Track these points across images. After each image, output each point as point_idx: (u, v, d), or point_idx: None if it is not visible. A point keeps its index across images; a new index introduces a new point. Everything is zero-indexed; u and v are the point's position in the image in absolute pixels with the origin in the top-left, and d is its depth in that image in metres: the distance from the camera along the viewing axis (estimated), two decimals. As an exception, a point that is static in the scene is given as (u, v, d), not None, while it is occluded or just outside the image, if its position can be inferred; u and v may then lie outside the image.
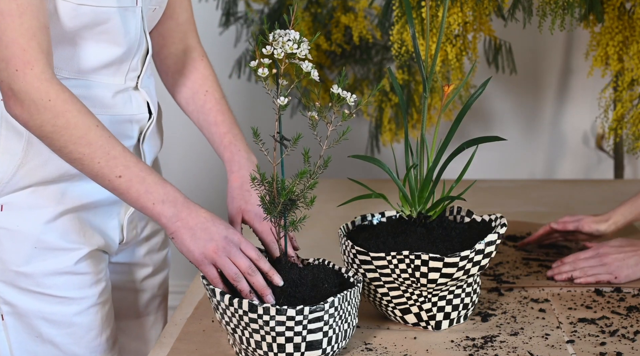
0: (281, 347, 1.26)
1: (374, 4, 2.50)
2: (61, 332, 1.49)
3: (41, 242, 1.46)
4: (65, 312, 1.49)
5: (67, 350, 1.50)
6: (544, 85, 2.82)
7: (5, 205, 1.45)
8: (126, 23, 1.45)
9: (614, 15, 2.10)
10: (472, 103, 1.44)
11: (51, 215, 1.46)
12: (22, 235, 1.45)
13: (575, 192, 2.22)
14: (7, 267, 1.46)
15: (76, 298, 1.49)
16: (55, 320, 1.48)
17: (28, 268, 1.45)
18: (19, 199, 1.45)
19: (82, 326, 1.50)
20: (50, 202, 1.46)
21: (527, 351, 1.34)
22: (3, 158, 1.44)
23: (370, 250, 1.39)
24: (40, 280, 1.46)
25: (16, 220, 1.45)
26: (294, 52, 1.24)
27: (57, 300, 1.48)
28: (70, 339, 1.50)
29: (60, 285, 1.48)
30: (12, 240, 1.45)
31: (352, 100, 1.26)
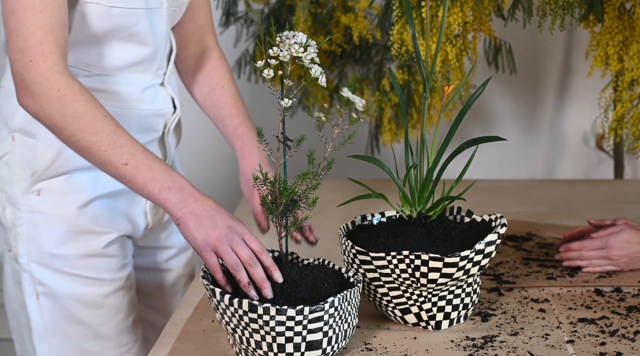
0: (281, 347, 1.26)
1: (374, 4, 2.50)
2: (91, 313, 1.58)
3: (75, 226, 1.55)
4: (96, 293, 1.58)
5: (96, 331, 1.59)
6: (544, 85, 2.82)
7: (42, 190, 1.54)
8: (153, 24, 1.55)
9: (614, 15, 2.10)
10: (472, 103, 1.44)
11: (84, 200, 1.55)
12: (57, 218, 1.54)
13: (575, 192, 2.22)
14: (43, 249, 1.54)
15: (106, 280, 1.59)
16: (87, 301, 1.57)
17: (62, 249, 1.55)
18: (54, 185, 1.54)
19: (111, 307, 1.60)
20: (84, 188, 1.55)
21: (527, 351, 1.34)
22: (42, 148, 1.52)
23: (370, 250, 1.39)
24: (73, 261, 1.55)
25: (52, 205, 1.54)
26: (299, 56, 1.24)
27: (88, 281, 1.57)
28: (99, 320, 1.59)
29: (92, 267, 1.56)
30: (47, 224, 1.54)
31: (360, 104, 1.26)
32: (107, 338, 1.61)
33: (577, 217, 2.00)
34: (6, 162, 1.56)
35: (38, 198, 1.54)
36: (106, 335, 1.60)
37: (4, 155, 1.56)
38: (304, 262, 1.39)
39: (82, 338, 1.59)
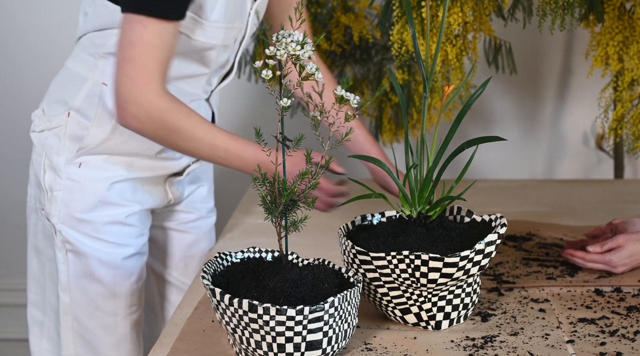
0: (281, 347, 1.26)
1: (374, 4, 2.50)
2: (111, 273, 1.76)
3: (104, 197, 1.74)
4: (116, 255, 1.76)
5: (113, 290, 1.77)
6: (544, 85, 2.82)
7: (83, 163, 1.73)
8: (221, 54, 1.72)
9: (614, 15, 2.10)
10: (472, 103, 1.44)
11: (117, 179, 1.74)
12: (91, 189, 1.73)
13: (575, 192, 2.22)
14: (72, 213, 1.73)
15: (124, 245, 1.77)
16: (107, 261, 1.75)
17: (90, 216, 1.73)
18: (95, 161, 1.73)
19: (127, 269, 1.78)
20: (118, 169, 1.74)
21: (527, 351, 1.34)
22: (95, 130, 1.71)
23: (370, 250, 1.39)
24: (98, 227, 1.74)
25: (89, 177, 1.73)
26: (297, 54, 1.24)
27: (109, 244, 1.76)
28: (116, 279, 1.77)
29: (114, 232, 1.76)
30: (81, 192, 1.73)
31: (355, 101, 1.26)
32: (121, 297, 1.78)
33: (577, 217, 2.00)
34: (57, 133, 1.73)
35: (79, 169, 1.73)
36: (120, 294, 1.78)
37: (56, 127, 1.73)
38: (304, 261, 1.39)
39: (99, 296, 1.76)
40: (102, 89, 1.70)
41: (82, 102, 1.71)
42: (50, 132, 1.75)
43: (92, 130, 1.71)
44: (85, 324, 1.77)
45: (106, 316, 1.78)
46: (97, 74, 1.71)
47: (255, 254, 1.42)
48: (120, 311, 1.79)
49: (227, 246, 1.87)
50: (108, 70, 1.67)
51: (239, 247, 1.67)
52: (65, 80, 1.77)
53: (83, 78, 1.72)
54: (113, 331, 1.79)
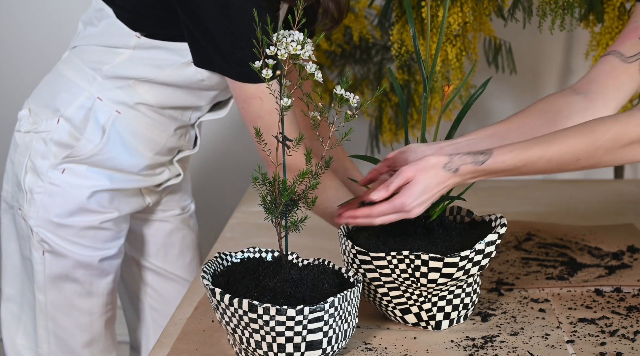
0: (281, 347, 1.26)
1: (374, 4, 2.50)
2: (87, 273, 1.77)
3: (83, 205, 1.73)
4: (93, 256, 1.76)
5: (88, 289, 1.78)
6: (544, 85, 2.82)
7: (67, 169, 1.72)
8: (220, 95, 1.75)
9: (614, 15, 2.10)
10: (472, 103, 1.44)
11: (99, 188, 1.73)
12: (72, 196, 1.72)
13: (575, 192, 2.22)
14: (50, 218, 1.72)
15: (102, 248, 1.78)
16: (84, 262, 1.76)
17: (67, 221, 1.73)
18: (79, 169, 1.72)
19: (102, 269, 1.78)
20: (102, 179, 1.73)
21: (527, 351, 1.34)
22: (85, 144, 1.70)
23: (370, 250, 1.39)
24: (75, 231, 1.74)
25: (71, 183, 1.72)
26: (297, 53, 1.24)
27: (87, 248, 1.76)
28: (93, 279, 1.78)
29: (91, 236, 1.75)
30: (62, 197, 1.72)
31: (354, 101, 1.26)
32: (97, 296, 1.79)
33: (577, 217, 2.00)
34: (44, 137, 1.72)
35: (62, 175, 1.72)
36: (96, 293, 1.79)
37: (44, 132, 1.72)
38: (304, 261, 1.39)
39: (75, 295, 1.77)
40: (96, 103, 1.69)
41: (75, 113, 1.71)
42: (36, 135, 1.73)
43: (83, 143, 1.70)
44: (60, 323, 1.78)
45: (82, 315, 1.79)
46: (95, 88, 1.70)
47: (255, 254, 1.42)
48: (96, 310, 1.80)
49: (227, 246, 1.87)
50: (107, 86, 1.68)
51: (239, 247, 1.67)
52: (58, 86, 1.75)
53: (79, 88, 1.71)
54: (88, 330, 1.80)
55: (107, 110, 1.69)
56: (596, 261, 1.71)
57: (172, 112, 1.74)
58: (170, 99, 1.71)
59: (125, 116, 1.70)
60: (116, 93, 1.69)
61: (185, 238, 1.97)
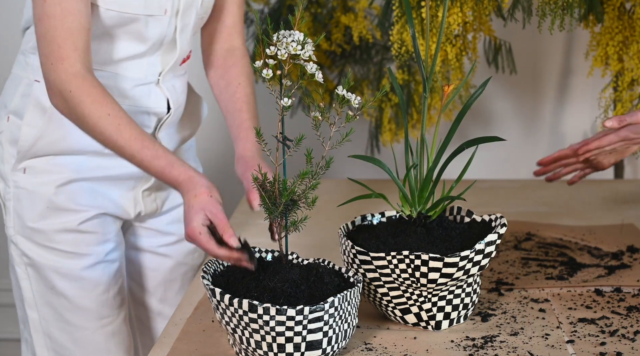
0: (281, 347, 1.26)
1: (374, 4, 2.50)
2: (71, 285, 1.67)
3: (52, 203, 1.64)
4: (74, 266, 1.66)
5: (77, 303, 1.68)
6: (544, 85, 2.82)
7: (27, 168, 1.65)
8: (150, 27, 1.60)
9: (614, 15, 2.10)
10: (472, 103, 1.44)
11: (63, 181, 1.64)
12: (38, 195, 1.64)
13: (575, 192, 2.22)
14: (24, 222, 1.65)
15: (83, 254, 1.67)
16: (66, 274, 1.66)
17: (40, 224, 1.65)
18: (38, 164, 1.64)
19: (89, 281, 1.68)
20: (65, 170, 1.65)
21: (527, 351, 1.34)
22: (27, 129, 1.62)
23: (370, 250, 1.39)
24: (50, 235, 1.65)
25: (34, 182, 1.65)
26: (297, 54, 1.24)
27: (65, 254, 1.66)
28: (79, 292, 1.68)
29: (69, 241, 1.66)
30: (29, 199, 1.65)
31: (356, 102, 1.26)
32: (88, 310, 1.69)
33: (577, 217, 2.00)
34: (0, 140, 1.67)
35: (24, 175, 1.65)
36: (86, 307, 1.69)
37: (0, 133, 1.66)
38: (304, 261, 1.39)
39: (65, 309, 1.68)
40: (34, 86, 1.63)
41: (18, 103, 1.64)
42: None
43: (24, 129, 1.62)
44: (57, 340, 1.69)
45: (76, 330, 1.69)
46: (29, 71, 1.64)
47: (255, 254, 1.42)
48: (89, 324, 1.70)
49: (227, 246, 1.87)
50: (38, 65, 1.59)
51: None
52: (6, 85, 1.70)
53: (18, 77, 1.66)
54: (86, 345, 1.70)
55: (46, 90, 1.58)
56: (596, 261, 1.71)
57: (119, 69, 1.62)
58: (98, 54, 1.58)
59: None
60: None
61: (187, 274, 1.87)
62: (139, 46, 1.61)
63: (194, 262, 1.87)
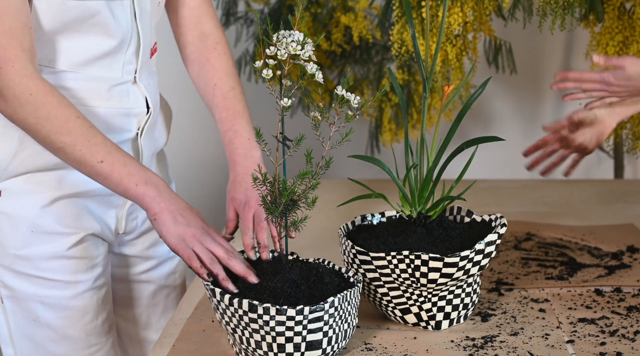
0: (281, 347, 1.26)
1: (374, 4, 2.51)
2: (57, 315, 1.54)
3: (37, 226, 1.50)
4: (60, 296, 1.53)
5: (63, 333, 1.55)
6: (544, 85, 2.82)
7: (3, 190, 1.50)
8: (116, 15, 1.48)
9: (614, 15, 2.10)
10: (472, 103, 1.44)
11: (47, 200, 1.51)
12: (20, 219, 1.50)
13: (575, 192, 2.22)
14: (6, 250, 1.51)
15: (71, 282, 1.54)
16: (51, 303, 1.53)
17: (25, 251, 1.50)
18: (16, 185, 1.50)
19: (77, 309, 1.55)
20: (47, 188, 1.50)
21: (527, 351, 1.34)
22: (1, 146, 1.48)
23: (370, 250, 1.39)
24: (37, 263, 1.51)
25: (14, 205, 1.50)
26: (297, 54, 1.24)
27: (52, 283, 1.53)
28: (66, 322, 1.55)
29: (56, 269, 1.52)
30: (10, 224, 1.50)
31: (355, 101, 1.26)
32: (75, 339, 1.57)
33: (577, 217, 2.00)
34: None
35: (0, 199, 1.51)
36: (73, 336, 1.57)
37: None
38: (304, 261, 1.39)
39: (49, 341, 1.55)
40: None
41: None
42: None
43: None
44: None
45: None
46: None
47: (255, 254, 1.42)
48: (76, 353, 1.57)
49: (227, 246, 1.87)
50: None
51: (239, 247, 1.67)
52: None
53: None
54: None
55: None
56: (596, 261, 1.71)
57: (92, 69, 1.50)
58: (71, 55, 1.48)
59: None
60: None
61: (170, 297, 1.76)
62: (108, 41, 1.49)
63: (175, 283, 1.77)
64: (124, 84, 1.54)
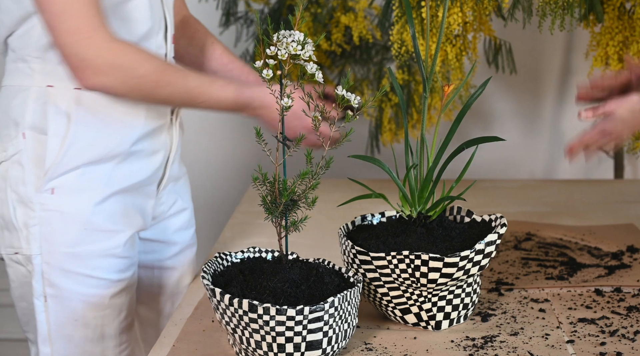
0: (281, 347, 1.26)
1: (374, 4, 2.51)
2: (97, 314, 1.58)
3: (90, 224, 1.53)
4: (103, 294, 1.57)
5: (100, 332, 1.59)
6: (544, 85, 2.82)
7: (55, 188, 1.52)
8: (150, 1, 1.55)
9: (614, 15, 2.10)
10: (472, 103, 1.44)
11: (99, 198, 1.54)
12: (73, 217, 1.52)
13: (575, 192, 2.22)
14: (57, 248, 1.53)
15: (115, 281, 1.59)
16: (94, 302, 1.56)
17: (77, 249, 1.53)
18: (69, 182, 1.52)
19: (115, 308, 1.60)
20: (98, 184, 1.54)
21: (527, 351, 1.34)
22: (52, 141, 1.50)
23: (370, 250, 1.39)
24: (87, 261, 1.54)
25: (67, 203, 1.52)
26: (297, 54, 1.24)
27: (98, 282, 1.56)
28: (103, 321, 1.59)
29: (105, 267, 1.56)
30: (63, 222, 1.52)
31: (356, 101, 1.26)
32: (109, 338, 1.61)
33: (577, 217, 2.00)
34: (18, 160, 1.53)
35: (52, 196, 1.52)
36: (108, 335, 1.61)
37: (15, 154, 1.53)
38: (304, 261, 1.39)
39: (86, 341, 1.59)
40: (48, 92, 1.51)
41: (33, 116, 1.51)
42: (8, 162, 1.53)
43: (50, 142, 1.50)
44: None
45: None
46: (37, 78, 1.51)
47: (255, 254, 1.42)
48: (108, 352, 1.61)
49: (227, 246, 1.87)
50: (48, 68, 1.50)
51: (239, 247, 1.67)
52: (6, 101, 1.55)
53: (24, 89, 1.52)
54: None
55: (64, 94, 1.50)
56: (596, 261, 1.71)
57: None
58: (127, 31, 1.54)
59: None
60: (61, 70, 1.49)
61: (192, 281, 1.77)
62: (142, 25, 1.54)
63: (193, 270, 1.81)
64: None
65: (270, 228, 1.36)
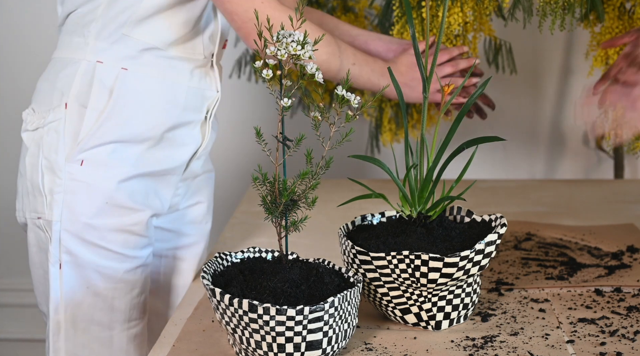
0: (281, 347, 1.26)
1: (374, 4, 2.50)
2: (110, 286, 1.62)
3: (112, 199, 1.59)
4: (117, 268, 1.62)
5: (110, 304, 1.63)
6: (544, 85, 2.82)
7: (85, 160, 1.57)
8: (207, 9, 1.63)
9: (614, 15, 2.10)
10: (472, 103, 1.44)
11: (125, 176, 1.59)
12: (97, 189, 1.58)
13: (575, 192, 2.22)
14: (78, 217, 1.58)
15: (129, 257, 1.63)
16: (108, 274, 1.61)
17: (96, 221, 1.58)
18: (98, 156, 1.57)
19: (128, 283, 1.64)
20: (126, 164, 1.59)
21: (527, 351, 1.34)
22: (90, 114, 1.56)
23: (370, 250, 1.39)
24: (104, 234, 1.59)
25: (94, 175, 1.58)
26: (297, 54, 1.24)
27: (113, 255, 1.61)
28: (115, 293, 1.63)
29: (120, 242, 1.61)
30: (87, 193, 1.58)
31: (356, 101, 1.26)
32: (119, 311, 1.64)
33: (577, 217, 2.00)
34: (55, 128, 1.58)
35: (80, 167, 1.57)
36: (119, 308, 1.64)
37: (53, 122, 1.58)
38: (304, 261, 1.39)
39: (96, 309, 1.62)
40: (97, 68, 1.57)
41: (79, 88, 1.58)
42: (45, 129, 1.59)
43: (88, 114, 1.56)
44: (78, 340, 1.62)
45: (102, 329, 1.63)
46: (90, 53, 1.58)
47: (255, 254, 1.42)
48: (116, 325, 1.65)
49: (227, 246, 1.87)
50: (101, 45, 1.57)
51: (239, 247, 1.68)
52: (55, 71, 1.62)
53: (74, 61, 1.59)
54: (108, 345, 1.65)
55: (111, 71, 1.57)
56: (596, 261, 1.71)
57: (180, 50, 1.63)
58: (167, 32, 1.60)
59: (133, 70, 1.58)
60: (114, 49, 1.57)
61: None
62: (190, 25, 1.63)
63: (201, 264, 1.82)
64: (204, 67, 1.67)
65: (270, 228, 1.36)
